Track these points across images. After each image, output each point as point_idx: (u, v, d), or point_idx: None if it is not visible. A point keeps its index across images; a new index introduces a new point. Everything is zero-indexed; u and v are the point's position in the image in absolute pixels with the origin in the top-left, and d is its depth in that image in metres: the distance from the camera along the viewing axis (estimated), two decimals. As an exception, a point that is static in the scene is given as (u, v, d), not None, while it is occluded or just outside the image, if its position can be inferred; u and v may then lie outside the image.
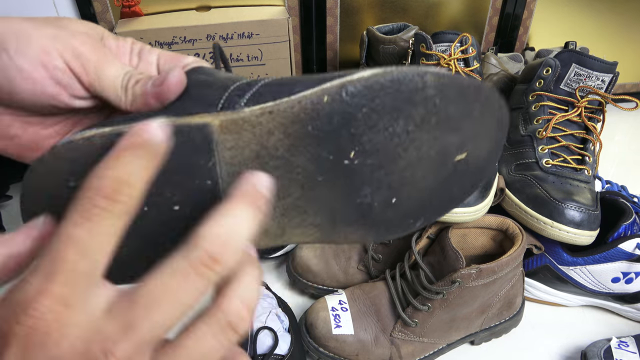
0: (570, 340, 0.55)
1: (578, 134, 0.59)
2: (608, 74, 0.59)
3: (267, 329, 0.47)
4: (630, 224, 0.53)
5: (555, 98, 0.61)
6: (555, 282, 0.57)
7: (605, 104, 0.60)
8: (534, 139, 0.60)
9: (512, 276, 0.52)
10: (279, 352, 0.47)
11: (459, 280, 0.46)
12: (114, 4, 0.75)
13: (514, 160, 0.60)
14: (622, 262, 0.52)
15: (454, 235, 0.53)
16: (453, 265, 0.47)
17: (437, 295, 0.47)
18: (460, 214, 0.50)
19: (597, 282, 0.55)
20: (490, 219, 0.53)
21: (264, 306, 0.50)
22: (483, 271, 0.46)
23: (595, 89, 0.58)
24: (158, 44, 0.71)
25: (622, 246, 0.51)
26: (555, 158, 0.58)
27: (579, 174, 0.56)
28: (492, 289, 0.50)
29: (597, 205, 0.53)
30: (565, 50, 0.61)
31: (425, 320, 0.48)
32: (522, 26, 0.91)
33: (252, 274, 0.22)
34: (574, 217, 0.51)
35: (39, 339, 0.18)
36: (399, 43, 0.71)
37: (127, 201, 0.20)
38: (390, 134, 0.24)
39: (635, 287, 0.54)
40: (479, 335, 0.54)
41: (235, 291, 0.21)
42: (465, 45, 0.61)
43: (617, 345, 0.49)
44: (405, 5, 0.85)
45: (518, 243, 0.50)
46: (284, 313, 0.52)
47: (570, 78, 0.60)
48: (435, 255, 0.50)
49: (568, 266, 0.55)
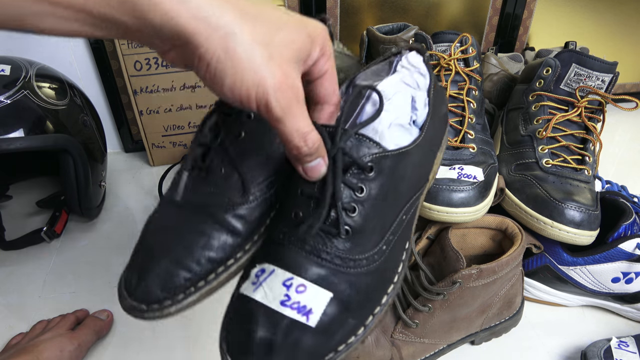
0: (570, 340, 0.55)
1: (578, 134, 0.59)
2: (608, 74, 0.59)
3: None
4: (630, 224, 0.53)
5: (555, 98, 0.61)
6: (555, 282, 0.57)
7: (605, 104, 0.60)
8: (534, 139, 0.60)
9: (512, 276, 0.52)
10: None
11: (459, 280, 0.46)
12: (113, 4, 0.75)
13: (514, 160, 0.60)
14: (622, 262, 0.52)
15: (454, 235, 0.53)
16: (453, 265, 0.47)
17: (437, 296, 0.47)
18: (460, 214, 0.50)
19: (597, 282, 0.55)
20: (490, 218, 0.53)
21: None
22: (483, 271, 0.46)
23: (595, 89, 0.58)
24: (158, 44, 0.71)
25: (622, 246, 0.51)
26: (555, 158, 0.58)
27: (579, 174, 0.56)
28: (493, 289, 0.50)
29: (597, 205, 0.53)
30: (565, 50, 0.61)
31: (426, 321, 0.48)
32: (522, 26, 0.91)
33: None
34: (574, 217, 0.51)
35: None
36: (399, 43, 0.71)
37: None
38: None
39: (635, 287, 0.54)
40: (479, 335, 0.54)
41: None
42: (465, 45, 0.61)
43: (617, 345, 0.49)
44: (405, 5, 0.85)
45: (517, 243, 0.50)
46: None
47: (570, 78, 0.60)
48: (435, 256, 0.50)
49: (568, 266, 0.55)
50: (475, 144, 0.57)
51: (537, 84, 0.63)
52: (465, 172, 0.52)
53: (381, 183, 0.33)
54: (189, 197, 0.36)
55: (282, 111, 0.27)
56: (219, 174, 0.35)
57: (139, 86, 0.76)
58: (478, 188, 0.51)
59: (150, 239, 0.35)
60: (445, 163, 0.54)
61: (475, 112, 0.60)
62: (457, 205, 0.50)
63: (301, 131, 0.29)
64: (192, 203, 0.36)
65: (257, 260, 0.35)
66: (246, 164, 0.36)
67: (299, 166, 0.32)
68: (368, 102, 0.38)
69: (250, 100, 0.27)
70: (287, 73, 0.28)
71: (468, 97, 0.60)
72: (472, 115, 0.59)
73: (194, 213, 0.35)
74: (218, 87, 0.27)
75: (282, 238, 0.33)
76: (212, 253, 0.34)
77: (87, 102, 0.70)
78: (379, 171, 0.33)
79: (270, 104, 0.27)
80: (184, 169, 0.37)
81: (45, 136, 0.59)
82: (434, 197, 0.50)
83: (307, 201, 0.33)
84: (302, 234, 0.32)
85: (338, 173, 0.32)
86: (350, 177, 0.32)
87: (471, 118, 0.59)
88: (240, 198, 0.35)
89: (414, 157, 0.36)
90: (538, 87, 0.62)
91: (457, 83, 0.61)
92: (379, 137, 0.36)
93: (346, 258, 0.32)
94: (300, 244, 0.33)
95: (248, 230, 0.35)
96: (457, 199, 0.50)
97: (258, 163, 0.36)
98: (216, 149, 0.36)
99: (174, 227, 0.35)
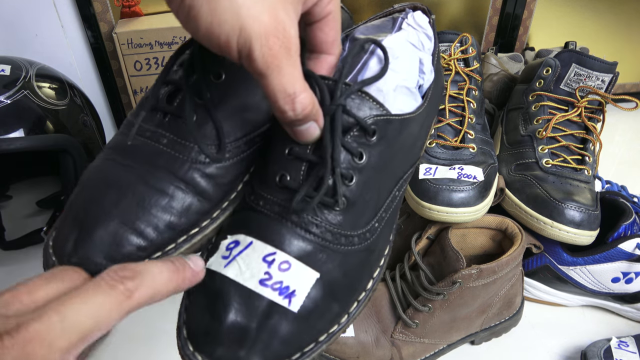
0: (570, 340, 0.55)
1: (578, 134, 0.59)
2: (608, 74, 0.59)
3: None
4: (630, 224, 0.53)
5: (555, 98, 0.61)
6: (555, 282, 0.57)
7: (605, 104, 0.60)
8: (534, 139, 0.60)
9: (512, 276, 0.52)
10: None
11: (459, 280, 0.46)
12: (114, 4, 0.75)
13: (514, 160, 0.60)
14: (622, 262, 0.52)
15: (454, 235, 0.53)
16: (453, 265, 0.47)
17: (437, 296, 0.47)
18: (460, 214, 0.50)
19: (597, 282, 0.55)
20: (490, 218, 0.53)
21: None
22: (483, 271, 0.46)
23: (595, 89, 0.58)
24: (158, 43, 0.71)
25: (622, 246, 0.51)
26: (555, 158, 0.58)
27: (579, 174, 0.56)
28: (493, 289, 0.50)
29: (597, 205, 0.53)
30: (565, 50, 0.61)
31: (426, 321, 0.48)
32: (522, 26, 0.91)
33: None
34: (574, 217, 0.51)
35: None
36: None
37: None
38: None
39: (635, 287, 0.54)
40: (479, 335, 0.54)
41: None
42: (465, 45, 0.61)
43: (617, 345, 0.49)
44: (405, 5, 0.85)
45: (517, 242, 0.50)
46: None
47: (570, 78, 0.60)
48: (435, 256, 0.50)
49: (568, 266, 0.55)
50: (475, 144, 0.57)
51: (537, 84, 0.62)
52: (465, 172, 0.52)
53: (381, 150, 0.29)
54: (146, 146, 0.29)
55: (267, 65, 0.23)
56: (188, 121, 0.28)
57: (139, 86, 0.76)
58: (478, 188, 0.51)
59: (92, 193, 0.28)
60: (445, 163, 0.54)
61: (475, 112, 0.60)
62: (457, 205, 0.50)
63: (288, 91, 0.24)
64: (150, 152, 0.28)
65: (227, 230, 0.29)
66: (224, 112, 0.29)
67: (287, 128, 0.27)
68: (372, 58, 0.32)
69: (230, 48, 0.22)
70: (278, 17, 0.22)
71: (468, 97, 0.60)
72: (472, 115, 0.59)
73: (151, 166, 0.28)
74: (192, 29, 0.23)
75: (262, 205, 0.28)
76: (172, 217, 0.27)
77: (87, 102, 0.70)
78: (382, 137, 0.29)
79: (253, 54, 0.22)
80: (142, 109, 0.30)
81: (45, 136, 0.59)
82: (434, 197, 0.50)
83: (297, 163, 0.28)
84: (296, 205, 0.27)
85: (337, 133, 0.27)
86: (350, 139, 0.28)
87: (471, 118, 0.59)
88: (213, 154, 0.29)
89: (414, 127, 0.32)
90: (538, 87, 0.62)
91: (457, 83, 0.61)
92: (383, 98, 0.31)
93: (337, 233, 0.28)
94: (284, 214, 0.28)
95: (218, 194, 0.29)
96: (457, 199, 0.50)
97: (238, 114, 0.30)
98: (188, 89, 0.29)
99: (126, 181, 0.28)
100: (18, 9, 0.73)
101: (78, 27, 0.76)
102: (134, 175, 0.28)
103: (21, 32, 0.75)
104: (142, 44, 0.71)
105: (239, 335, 0.25)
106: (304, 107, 0.24)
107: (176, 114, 0.29)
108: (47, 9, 0.74)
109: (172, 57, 0.30)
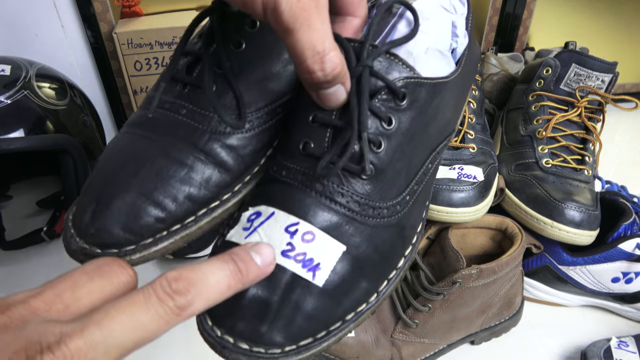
0: (570, 340, 0.55)
1: (578, 134, 0.59)
2: (608, 74, 0.59)
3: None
4: (630, 224, 0.53)
5: (555, 98, 0.61)
6: (555, 282, 0.57)
7: (605, 104, 0.60)
8: (534, 139, 0.60)
9: (512, 276, 0.52)
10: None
11: (459, 280, 0.46)
12: (114, 4, 0.75)
13: (513, 160, 0.60)
14: (622, 262, 0.52)
15: (454, 235, 0.53)
16: (453, 265, 0.47)
17: (437, 296, 0.47)
18: (460, 214, 0.50)
19: (597, 282, 0.55)
20: (490, 218, 0.53)
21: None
22: (483, 271, 0.46)
23: (595, 89, 0.58)
24: (158, 43, 0.71)
25: (622, 246, 0.51)
26: (555, 158, 0.58)
27: (579, 174, 0.56)
28: (493, 289, 0.50)
29: (597, 205, 0.53)
30: (565, 50, 0.61)
31: (426, 321, 0.48)
32: (522, 26, 0.91)
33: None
34: (574, 217, 0.51)
35: None
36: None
37: None
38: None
39: (635, 287, 0.54)
40: (479, 335, 0.54)
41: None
42: (465, 46, 0.61)
43: (617, 345, 0.49)
44: (405, 5, 0.85)
45: (517, 242, 0.50)
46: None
47: (570, 78, 0.60)
48: (435, 256, 0.50)
49: (568, 266, 0.55)
50: (475, 144, 0.57)
51: (537, 84, 0.63)
52: (465, 172, 0.52)
53: (412, 116, 0.27)
54: (165, 117, 0.28)
55: (295, 19, 0.21)
56: (207, 91, 0.28)
57: (139, 86, 0.76)
58: (478, 188, 0.51)
59: (111, 166, 0.28)
60: (445, 163, 0.54)
61: (475, 112, 0.60)
62: (457, 205, 0.50)
63: (317, 49, 0.22)
64: (170, 124, 0.28)
65: (249, 202, 0.28)
66: (244, 82, 0.29)
67: (312, 92, 0.25)
68: (401, 21, 0.30)
69: (255, 2, 0.21)
70: None
71: (468, 97, 0.59)
72: (472, 115, 0.59)
73: (172, 137, 0.28)
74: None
75: (285, 174, 0.27)
76: (193, 189, 0.27)
77: (87, 102, 0.70)
78: (412, 101, 0.27)
79: (280, 7, 0.21)
80: (162, 80, 0.29)
81: (45, 136, 0.59)
82: (434, 197, 0.50)
83: (321, 130, 0.27)
84: (320, 170, 0.25)
85: (365, 96, 0.25)
86: (378, 103, 0.26)
87: (471, 118, 0.59)
88: (234, 124, 0.28)
89: (448, 94, 0.30)
90: (538, 87, 0.62)
91: (457, 83, 0.61)
92: (414, 61, 0.29)
93: (365, 204, 0.26)
94: (308, 183, 0.26)
95: (239, 167, 0.29)
96: (457, 199, 0.50)
97: (260, 83, 0.29)
98: (207, 59, 0.28)
99: (145, 153, 0.27)
100: (18, 9, 0.73)
101: (78, 27, 0.77)
102: (154, 146, 0.27)
103: (21, 32, 0.75)
104: (142, 44, 0.71)
105: (260, 309, 0.24)
106: (334, 66, 0.23)
107: (195, 84, 0.28)
108: (47, 9, 0.74)
109: (190, 25, 0.30)
